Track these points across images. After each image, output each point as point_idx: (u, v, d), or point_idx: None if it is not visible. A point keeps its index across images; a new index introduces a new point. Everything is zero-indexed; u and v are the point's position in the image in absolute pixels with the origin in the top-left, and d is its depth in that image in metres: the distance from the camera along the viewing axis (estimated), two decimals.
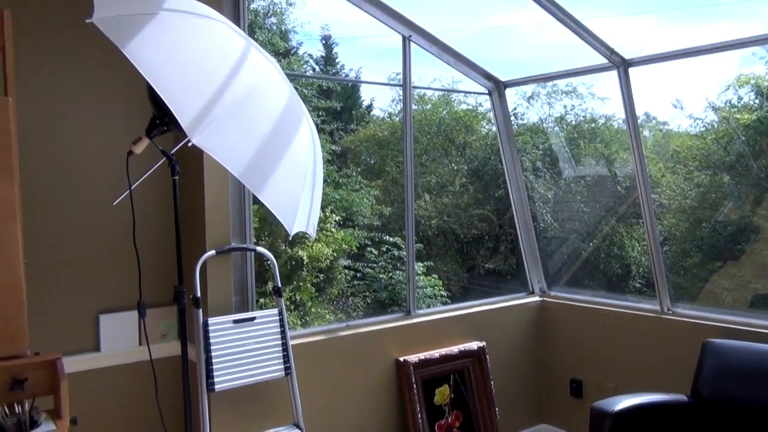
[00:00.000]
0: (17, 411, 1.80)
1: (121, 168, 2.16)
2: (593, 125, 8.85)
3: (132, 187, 2.21)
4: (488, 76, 4.18)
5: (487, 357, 3.72)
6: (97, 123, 2.70)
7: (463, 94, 10.36)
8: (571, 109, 9.25)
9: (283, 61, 9.75)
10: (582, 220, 7.58)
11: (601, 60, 3.63)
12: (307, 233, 2.14)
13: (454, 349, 3.62)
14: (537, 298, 4.15)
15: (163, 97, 1.71)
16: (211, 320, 2.65)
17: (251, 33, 2.52)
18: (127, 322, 2.75)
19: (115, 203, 2.29)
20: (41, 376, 1.88)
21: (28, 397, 1.84)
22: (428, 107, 10.56)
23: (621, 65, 3.58)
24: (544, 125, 9.41)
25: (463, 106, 10.50)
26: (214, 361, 2.61)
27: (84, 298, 2.68)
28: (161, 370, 2.49)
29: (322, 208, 2.27)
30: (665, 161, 7.87)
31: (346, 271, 9.09)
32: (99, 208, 2.66)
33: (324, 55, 11.70)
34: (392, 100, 11.20)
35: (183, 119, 1.72)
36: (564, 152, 8.61)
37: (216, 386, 2.60)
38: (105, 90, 2.71)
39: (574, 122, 9.06)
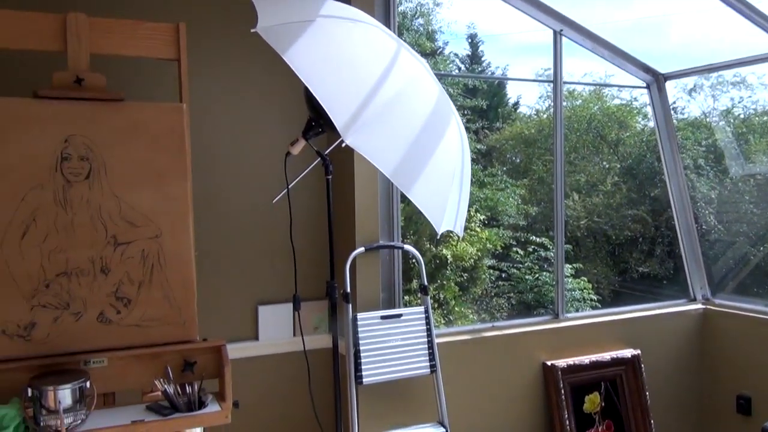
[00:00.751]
0: (188, 391, 1.96)
1: (279, 168, 2.28)
2: (765, 119, 8.07)
3: (289, 186, 2.32)
4: (646, 69, 3.94)
5: (642, 366, 3.51)
6: (259, 126, 2.87)
7: (616, 88, 9.86)
8: (740, 102, 8.48)
9: (429, 61, 9.82)
10: (751, 223, 6.92)
11: None
12: (454, 232, 2.14)
13: (606, 355, 3.46)
14: (699, 306, 3.86)
15: (319, 100, 1.78)
16: (360, 315, 2.73)
17: (399, 35, 2.56)
18: (283, 314, 2.91)
19: (274, 201, 2.43)
20: (209, 360, 2.04)
21: (196, 378, 2.00)
22: (578, 103, 10.16)
23: None
24: (707, 119, 8.72)
25: (616, 101, 10.00)
26: (362, 354, 2.69)
27: (245, 290, 2.87)
28: (313, 361, 2.60)
29: (467, 208, 2.26)
30: None
31: (491, 271, 8.99)
32: (260, 206, 2.84)
33: (470, 53, 11.66)
34: (539, 97, 10.94)
35: (338, 121, 1.79)
36: (731, 148, 7.92)
37: (364, 379, 2.67)
38: (266, 95, 2.88)
39: (742, 116, 8.31)
